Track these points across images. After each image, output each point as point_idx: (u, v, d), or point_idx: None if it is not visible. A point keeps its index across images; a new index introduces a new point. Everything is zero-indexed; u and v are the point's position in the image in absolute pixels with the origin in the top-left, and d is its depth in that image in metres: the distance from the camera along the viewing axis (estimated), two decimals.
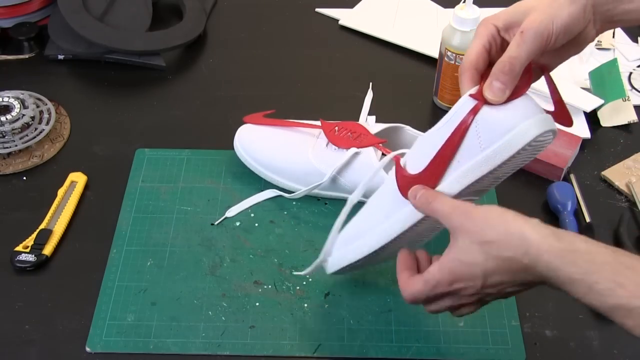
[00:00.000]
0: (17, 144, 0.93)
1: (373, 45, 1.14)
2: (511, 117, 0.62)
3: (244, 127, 0.92)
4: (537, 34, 0.60)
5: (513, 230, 0.57)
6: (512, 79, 0.61)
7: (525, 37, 0.60)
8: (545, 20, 0.60)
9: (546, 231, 0.57)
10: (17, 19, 1.11)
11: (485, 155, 0.62)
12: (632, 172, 0.92)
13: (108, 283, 0.80)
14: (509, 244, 0.58)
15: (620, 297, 0.53)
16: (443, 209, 0.62)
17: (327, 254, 0.75)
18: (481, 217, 0.60)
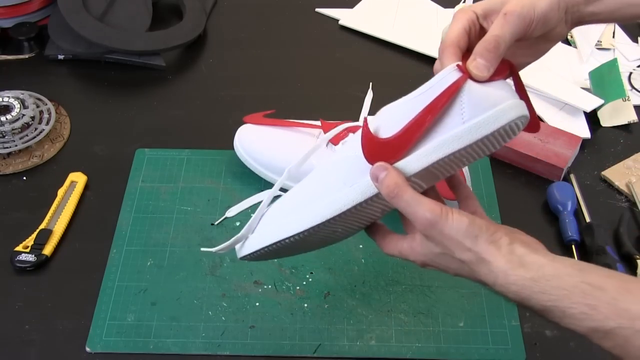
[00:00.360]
0: (17, 144, 0.93)
1: (373, 45, 1.14)
2: (496, 94, 0.61)
3: (244, 127, 0.92)
4: (521, 17, 0.60)
5: (484, 255, 0.56)
6: (495, 57, 0.60)
7: (509, 18, 0.60)
8: (527, 6, 0.61)
9: (515, 259, 0.56)
10: (17, 19, 1.11)
11: (467, 128, 0.60)
12: (632, 172, 0.92)
13: (108, 283, 0.80)
14: (479, 271, 0.57)
15: (595, 320, 0.53)
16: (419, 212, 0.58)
17: (249, 230, 0.67)
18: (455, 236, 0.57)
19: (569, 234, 0.84)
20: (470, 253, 0.56)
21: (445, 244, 0.58)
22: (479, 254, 0.56)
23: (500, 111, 0.60)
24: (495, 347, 0.75)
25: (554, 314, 0.55)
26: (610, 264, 0.79)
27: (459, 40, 0.63)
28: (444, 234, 0.57)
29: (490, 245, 0.56)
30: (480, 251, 0.56)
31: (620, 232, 0.85)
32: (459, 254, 0.57)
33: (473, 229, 0.56)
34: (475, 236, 0.56)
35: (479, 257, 0.56)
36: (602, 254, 0.81)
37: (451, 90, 0.60)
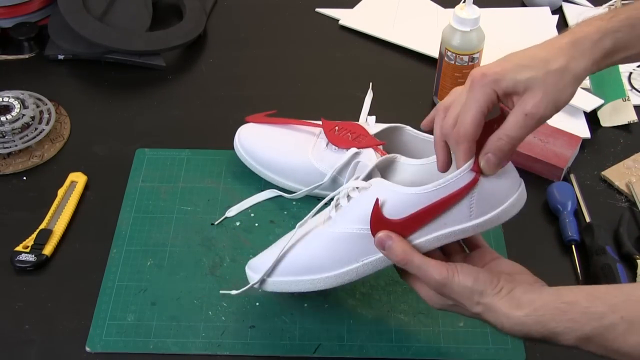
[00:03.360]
0: (17, 144, 0.93)
1: (373, 45, 1.14)
2: (502, 191, 0.66)
3: (244, 127, 0.92)
4: (541, 120, 0.60)
5: (490, 305, 0.61)
6: (508, 156, 0.62)
7: (528, 122, 0.60)
8: (550, 105, 0.60)
9: (514, 302, 0.61)
10: (17, 19, 1.11)
11: (475, 224, 0.66)
12: (632, 172, 0.92)
13: (108, 283, 0.80)
14: (488, 318, 0.62)
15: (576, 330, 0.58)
16: (429, 275, 0.63)
17: (267, 274, 0.73)
18: (463, 293, 0.63)
19: (569, 234, 0.84)
20: (479, 306, 0.62)
21: (456, 298, 0.63)
22: (486, 305, 0.62)
23: (506, 209, 0.66)
24: (495, 347, 0.75)
25: (550, 338, 0.59)
26: (610, 264, 0.79)
27: (476, 133, 0.62)
28: (454, 292, 0.63)
29: (494, 297, 0.61)
30: (487, 303, 0.62)
31: (620, 232, 0.85)
32: (469, 307, 0.63)
33: (478, 285, 0.62)
34: (480, 292, 0.62)
35: (486, 308, 0.62)
36: (602, 254, 0.81)
37: (464, 191, 0.64)
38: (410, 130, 0.88)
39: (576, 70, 0.61)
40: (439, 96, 1.02)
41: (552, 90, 0.60)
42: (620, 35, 0.62)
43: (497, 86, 0.61)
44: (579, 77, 0.61)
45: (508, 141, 0.61)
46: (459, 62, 0.96)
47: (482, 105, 0.61)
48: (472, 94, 0.61)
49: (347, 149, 0.85)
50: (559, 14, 1.18)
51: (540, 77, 0.60)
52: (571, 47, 0.61)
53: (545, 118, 0.61)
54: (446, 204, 0.65)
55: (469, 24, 0.94)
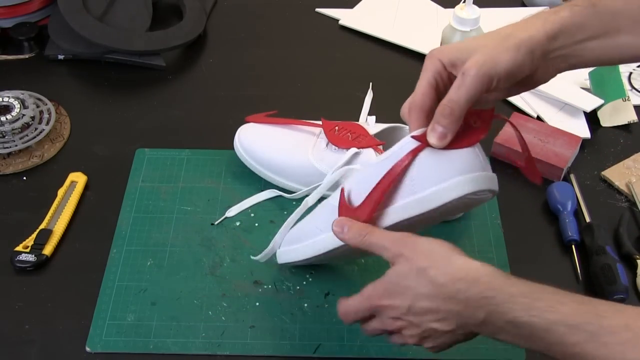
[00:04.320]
0: (17, 144, 0.93)
1: (373, 45, 1.14)
2: (446, 169, 0.63)
3: (244, 127, 0.92)
4: (477, 78, 0.59)
5: (453, 259, 0.60)
6: (452, 123, 0.61)
7: (466, 80, 0.60)
8: (487, 64, 0.59)
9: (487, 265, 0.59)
10: (17, 19, 1.11)
11: (415, 199, 0.63)
12: (632, 172, 0.92)
13: (108, 283, 0.80)
14: (445, 270, 0.59)
15: (561, 313, 0.56)
16: (380, 242, 0.63)
17: (276, 246, 0.77)
18: (422, 248, 0.61)
19: (568, 234, 0.84)
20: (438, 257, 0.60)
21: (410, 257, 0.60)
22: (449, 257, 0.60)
23: (446, 188, 0.63)
24: (495, 347, 0.75)
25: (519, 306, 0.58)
26: (610, 264, 0.79)
27: (423, 101, 0.63)
28: (413, 247, 0.61)
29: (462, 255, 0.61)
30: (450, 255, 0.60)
31: (620, 232, 0.85)
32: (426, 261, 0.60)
33: (444, 244, 0.61)
34: (446, 247, 0.61)
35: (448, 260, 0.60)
36: (602, 254, 0.81)
37: (403, 164, 0.63)
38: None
39: (520, 35, 0.60)
40: None
41: (491, 51, 0.60)
42: (578, 9, 0.61)
43: (442, 55, 0.63)
44: (523, 41, 0.60)
45: (448, 105, 0.60)
46: None
47: (429, 76, 0.63)
48: (423, 67, 0.65)
49: (347, 149, 0.85)
50: None
51: (483, 43, 0.61)
52: (526, 20, 0.63)
53: (483, 77, 0.60)
54: (390, 177, 0.63)
55: (469, 24, 0.94)
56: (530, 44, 0.61)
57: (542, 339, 0.57)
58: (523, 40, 0.60)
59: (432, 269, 0.59)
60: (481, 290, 0.58)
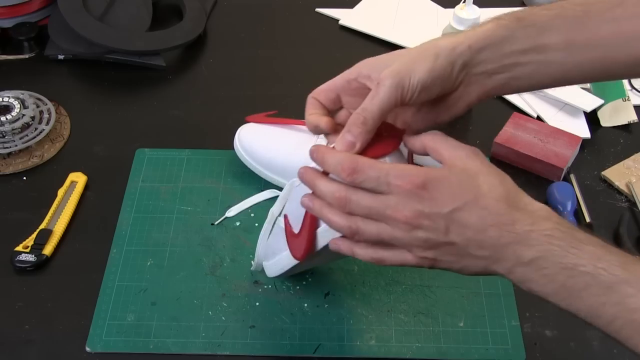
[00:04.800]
0: (17, 144, 0.93)
1: (373, 45, 1.14)
2: None
3: (244, 127, 0.92)
4: (392, 88, 0.57)
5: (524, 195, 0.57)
6: (363, 133, 0.58)
7: (379, 90, 0.57)
8: (402, 73, 0.57)
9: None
10: (17, 19, 1.11)
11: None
12: (632, 172, 0.92)
13: (108, 283, 0.80)
14: (517, 198, 0.56)
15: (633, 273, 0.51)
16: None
17: (260, 258, 0.76)
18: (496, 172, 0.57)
19: None
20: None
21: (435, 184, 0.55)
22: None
23: None
24: (495, 347, 0.75)
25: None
26: None
27: (318, 93, 0.64)
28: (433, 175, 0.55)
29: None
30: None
31: (620, 232, 0.85)
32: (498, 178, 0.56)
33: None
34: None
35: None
36: None
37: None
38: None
39: (441, 45, 0.58)
40: None
41: (407, 60, 0.58)
42: (504, 22, 0.59)
43: (362, 66, 0.62)
44: (441, 51, 0.58)
45: (362, 113, 0.58)
46: None
47: (337, 79, 0.63)
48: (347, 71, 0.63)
49: None
50: None
51: (401, 54, 0.60)
52: (448, 34, 0.62)
53: (397, 87, 0.57)
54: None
55: (469, 24, 0.94)
56: (451, 54, 0.58)
57: (596, 296, 0.52)
58: (442, 49, 0.58)
59: (501, 188, 0.55)
60: (548, 228, 0.54)
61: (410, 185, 0.54)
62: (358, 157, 0.57)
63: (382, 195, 0.56)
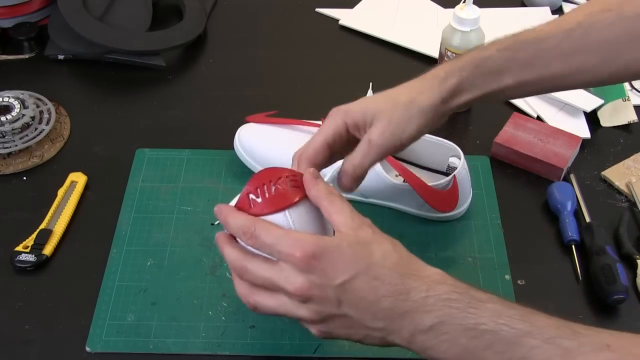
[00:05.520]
0: (17, 144, 0.93)
1: (373, 45, 1.14)
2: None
3: (244, 127, 0.92)
4: (384, 148, 0.63)
5: (417, 260, 0.57)
6: (354, 184, 0.65)
7: (372, 150, 0.63)
8: (395, 136, 0.63)
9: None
10: (17, 19, 1.11)
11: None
12: (632, 172, 0.92)
13: (108, 283, 0.80)
14: (410, 264, 0.56)
15: (534, 324, 0.52)
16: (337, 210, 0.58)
17: None
18: (387, 238, 0.58)
19: (568, 234, 0.84)
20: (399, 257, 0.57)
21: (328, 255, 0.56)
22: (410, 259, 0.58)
23: None
24: None
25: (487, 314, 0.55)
26: (610, 264, 0.79)
27: (315, 157, 0.65)
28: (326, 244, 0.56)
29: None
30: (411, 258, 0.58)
31: (620, 232, 0.85)
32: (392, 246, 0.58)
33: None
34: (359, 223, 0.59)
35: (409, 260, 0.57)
36: (602, 254, 0.80)
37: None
38: None
39: (422, 104, 0.64)
40: None
41: (397, 121, 0.63)
42: (465, 74, 0.65)
43: (346, 117, 0.65)
44: (425, 110, 0.64)
45: (354, 169, 0.64)
46: None
47: (328, 134, 0.65)
48: (324, 123, 0.66)
49: None
50: (559, 14, 1.18)
51: (386, 109, 0.64)
52: (419, 83, 0.66)
53: (388, 147, 0.63)
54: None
55: (469, 24, 0.94)
56: (432, 111, 0.64)
57: (501, 353, 0.51)
58: (425, 110, 0.64)
59: (395, 255, 0.55)
60: (444, 291, 0.54)
61: (301, 254, 0.54)
62: (256, 222, 0.57)
63: (277, 264, 0.56)
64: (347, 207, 0.58)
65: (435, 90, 0.65)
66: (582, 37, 0.64)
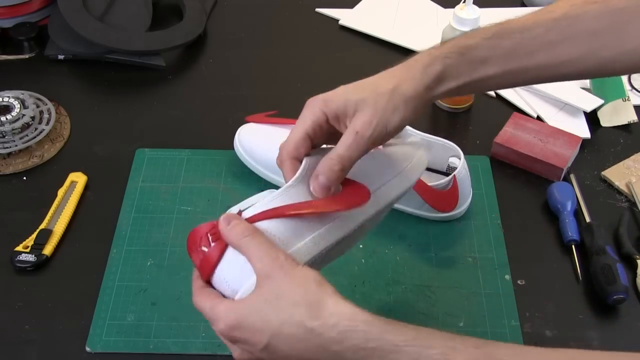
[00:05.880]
0: (17, 144, 0.93)
1: (373, 45, 1.14)
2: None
3: (244, 127, 0.92)
4: (371, 139, 0.60)
5: (325, 299, 0.54)
6: (339, 177, 0.60)
7: (359, 141, 0.59)
8: (380, 126, 0.60)
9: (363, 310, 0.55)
10: (17, 19, 1.11)
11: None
12: (632, 172, 0.92)
13: (108, 283, 0.80)
14: (317, 312, 0.53)
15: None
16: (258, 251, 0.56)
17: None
18: (297, 275, 0.55)
19: (568, 234, 0.84)
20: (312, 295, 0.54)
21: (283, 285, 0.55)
22: (322, 299, 0.55)
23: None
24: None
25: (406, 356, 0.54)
26: (610, 264, 0.79)
27: (297, 151, 0.61)
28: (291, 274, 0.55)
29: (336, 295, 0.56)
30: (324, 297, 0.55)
31: (620, 232, 0.85)
32: (301, 298, 0.55)
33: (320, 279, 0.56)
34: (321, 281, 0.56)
35: (320, 301, 0.55)
36: (602, 254, 0.81)
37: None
38: (410, 130, 0.88)
39: (406, 92, 0.61)
40: None
41: (382, 111, 0.60)
42: (449, 61, 0.63)
43: (326, 107, 0.61)
44: (409, 98, 0.61)
45: (338, 160, 0.59)
46: None
47: (307, 125, 0.61)
48: (302, 115, 0.62)
49: None
50: None
51: (370, 98, 0.61)
52: (402, 70, 0.63)
53: (376, 138, 0.60)
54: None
55: (469, 24, 0.94)
56: (416, 99, 0.62)
57: None
58: (410, 98, 0.61)
59: (302, 307, 0.53)
60: (360, 341, 0.52)
61: (225, 327, 0.56)
62: (194, 292, 0.59)
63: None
64: (260, 247, 0.56)
65: (419, 77, 0.62)
66: (568, 27, 0.63)
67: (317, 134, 0.62)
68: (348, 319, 0.53)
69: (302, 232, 0.59)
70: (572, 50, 0.64)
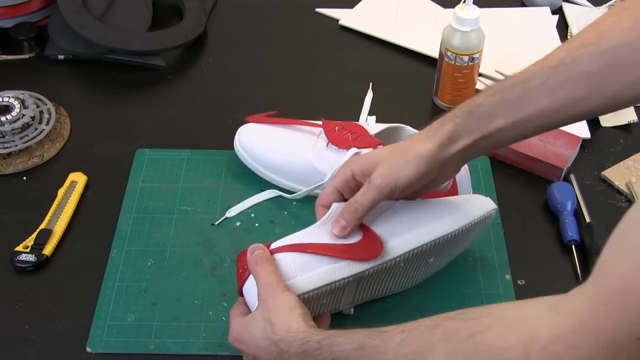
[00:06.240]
0: (17, 144, 0.93)
1: (373, 45, 1.14)
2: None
3: (244, 127, 0.92)
4: (380, 188, 0.69)
5: (292, 323, 0.64)
6: (354, 220, 0.71)
7: (370, 190, 0.70)
8: (389, 177, 0.69)
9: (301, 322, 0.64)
10: (17, 19, 1.11)
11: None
12: (632, 172, 0.92)
13: (108, 283, 0.80)
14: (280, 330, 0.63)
15: (354, 340, 0.61)
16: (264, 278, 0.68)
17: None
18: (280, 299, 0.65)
19: (568, 234, 0.84)
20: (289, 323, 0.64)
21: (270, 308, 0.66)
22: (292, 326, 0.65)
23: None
24: None
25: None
26: None
27: (327, 201, 0.74)
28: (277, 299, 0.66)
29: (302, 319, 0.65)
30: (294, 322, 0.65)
31: None
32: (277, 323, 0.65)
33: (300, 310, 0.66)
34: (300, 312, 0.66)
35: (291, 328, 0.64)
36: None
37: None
38: (410, 130, 0.88)
39: (420, 150, 0.69)
40: (439, 96, 1.02)
41: (394, 165, 0.69)
42: (459, 120, 0.69)
43: (354, 165, 0.72)
44: (423, 156, 0.69)
45: (354, 205, 0.70)
46: (459, 62, 0.96)
47: (337, 182, 0.73)
48: (336, 174, 0.75)
49: (347, 149, 0.85)
50: (559, 14, 1.18)
51: (389, 155, 0.71)
52: (421, 134, 0.71)
53: (384, 188, 0.69)
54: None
55: (468, 24, 0.94)
56: (430, 158, 0.69)
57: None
58: (422, 156, 0.69)
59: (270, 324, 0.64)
60: (300, 345, 0.62)
61: (231, 339, 0.70)
62: (236, 304, 0.72)
63: None
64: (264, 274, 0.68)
65: (432, 138, 0.69)
66: (566, 72, 0.66)
67: (345, 187, 0.73)
68: (294, 330, 0.63)
69: (310, 266, 0.69)
70: (573, 93, 0.66)
